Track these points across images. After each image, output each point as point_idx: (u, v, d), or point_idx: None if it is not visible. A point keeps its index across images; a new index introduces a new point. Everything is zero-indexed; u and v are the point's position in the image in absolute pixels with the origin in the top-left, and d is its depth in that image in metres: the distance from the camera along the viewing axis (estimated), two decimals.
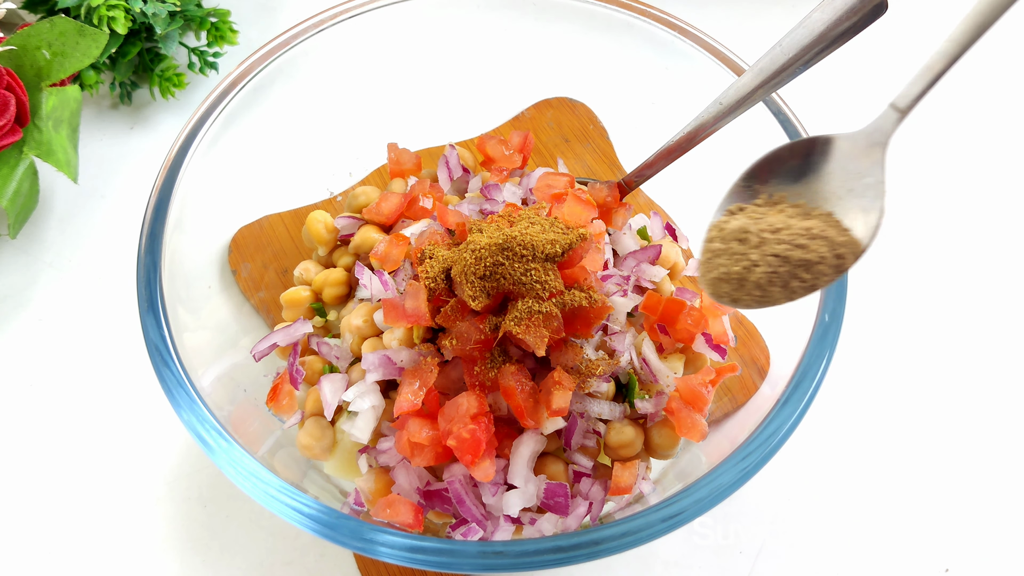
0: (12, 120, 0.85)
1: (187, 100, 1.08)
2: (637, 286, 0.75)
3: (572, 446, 0.67)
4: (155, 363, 0.61)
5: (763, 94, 0.66)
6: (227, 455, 0.58)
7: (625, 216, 0.79)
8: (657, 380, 0.70)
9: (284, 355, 0.76)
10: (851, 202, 0.57)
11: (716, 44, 0.78)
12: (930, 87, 0.55)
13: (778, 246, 0.55)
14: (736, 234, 0.57)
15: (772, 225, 0.56)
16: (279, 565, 0.76)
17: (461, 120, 0.94)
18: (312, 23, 0.80)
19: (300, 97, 0.83)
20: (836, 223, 0.57)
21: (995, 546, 0.78)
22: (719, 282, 0.56)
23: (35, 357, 0.88)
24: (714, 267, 0.57)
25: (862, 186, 0.57)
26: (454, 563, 0.54)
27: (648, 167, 0.77)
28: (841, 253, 0.55)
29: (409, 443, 0.63)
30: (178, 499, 0.80)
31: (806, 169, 0.60)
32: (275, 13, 1.17)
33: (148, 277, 0.65)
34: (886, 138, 0.57)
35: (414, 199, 0.78)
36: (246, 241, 0.85)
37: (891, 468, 0.82)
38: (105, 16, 0.92)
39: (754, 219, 0.57)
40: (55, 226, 0.97)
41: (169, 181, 0.69)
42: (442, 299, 0.66)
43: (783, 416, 0.59)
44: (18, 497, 0.80)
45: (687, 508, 0.55)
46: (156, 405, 0.84)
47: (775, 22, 1.15)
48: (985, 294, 0.93)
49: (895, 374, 0.87)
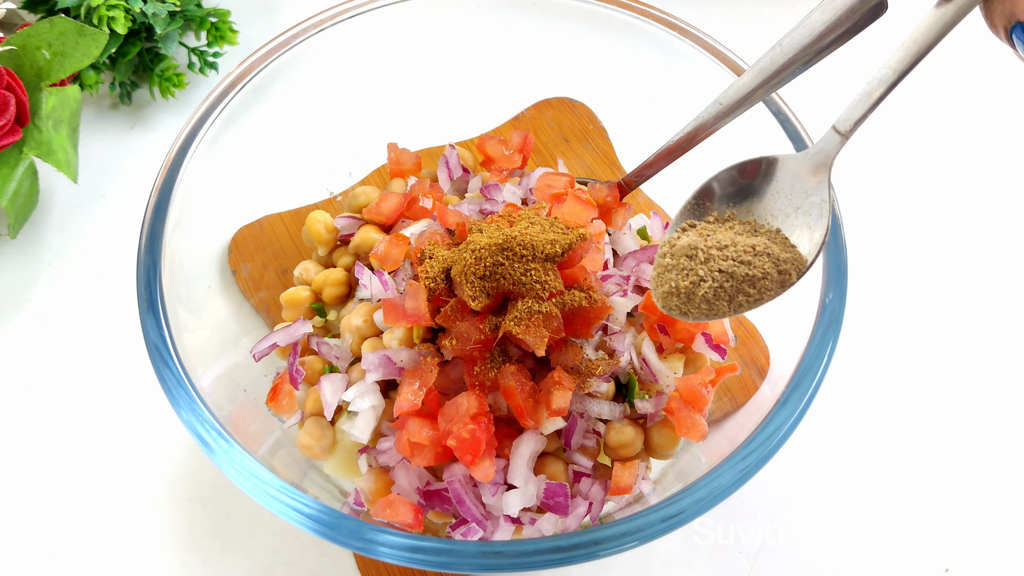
0: (12, 120, 0.85)
1: (187, 100, 1.08)
2: (637, 286, 0.75)
3: (572, 446, 0.67)
4: (155, 363, 0.61)
5: (763, 94, 0.66)
6: (227, 455, 0.58)
7: (625, 216, 0.79)
8: (657, 380, 0.70)
9: (284, 355, 0.76)
10: (798, 220, 0.60)
11: (716, 44, 0.78)
12: (870, 112, 0.57)
13: (724, 262, 0.58)
14: (685, 250, 0.59)
15: (720, 242, 0.59)
16: (279, 565, 0.76)
17: (461, 120, 0.94)
18: (312, 23, 0.80)
19: (300, 97, 0.83)
20: (783, 240, 0.60)
21: (995, 546, 0.78)
22: (669, 296, 0.59)
23: (35, 357, 0.88)
24: (664, 281, 0.60)
25: (808, 204, 0.60)
26: (454, 563, 0.54)
27: (648, 167, 0.77)
28: (785, 269, 0.58)
29: (409, 443, 0.63)
30: (178, 499, 0.80)
31: (755, 188, 0.63)
32: (275, 13, 1.17)
33: (148, 277, 0.65)
34: (830, 159, 0.60)
35: (414, 199, 0.78)
36: (246, 241, 0.85)
37: (891, 468, 0.82)
38: (105, 16, 0.92)
39: (703, 236, 0.60)
40: (55, 226, 0.97)
41: (169, 181, 0.69)
42: (442, 299, 0.66)
43: (783, 416, 0.59)
44: (18, 497, 0.80)
45: (687, 508, 0.55)
46: (156, 405, 0.84)
47: (775, 22, 1.15)
48: (985, 295, 0.93)
49: (895, 374, 0.87)
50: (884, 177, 1.02)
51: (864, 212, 0.98)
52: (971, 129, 1.07)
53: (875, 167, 1.03)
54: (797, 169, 0.61)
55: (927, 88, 1.10)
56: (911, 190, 1.01)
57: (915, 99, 1.09)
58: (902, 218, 0.99)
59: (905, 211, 0.99)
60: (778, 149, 0.72)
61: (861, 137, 1.06)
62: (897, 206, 1.00)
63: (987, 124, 1.07)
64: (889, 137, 1.05)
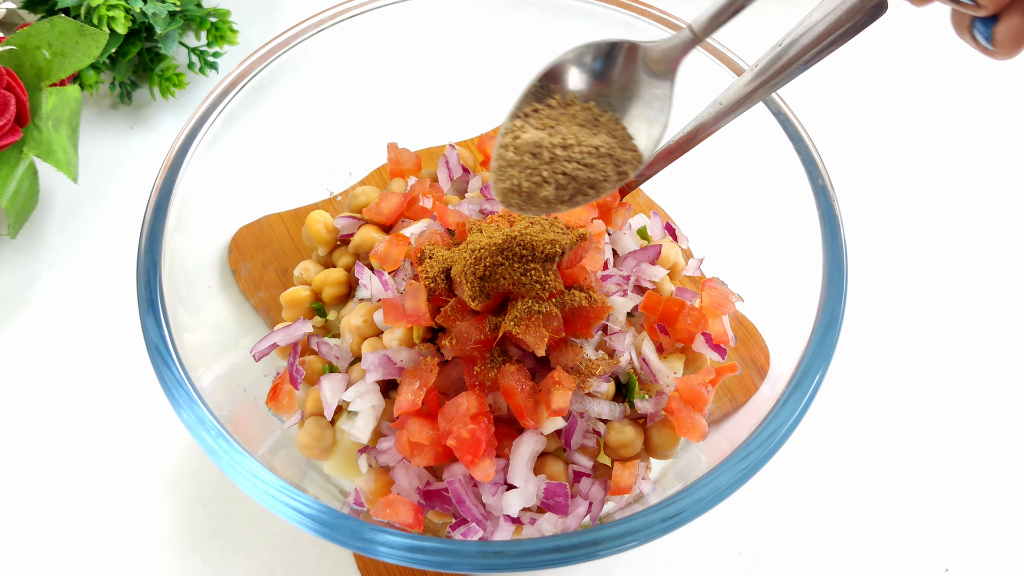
0: (12, 120, 0.85)
1: (187, 100, 1.08)
2: (637, 286, 0.75)
3: (572, 446, 0.67)
4: (155, 363, 0.61)
5: (763, 94, 0.66)
6: (227, 455, 0.58)
7: (625, 216, 0.79)
8: (657, 380, 0.70)
9: (284, 355, 0.76)
10: (638, 110, 0.60)
11: (716, 44, 0.78)
12: (729, 17, 0.56)
13: (568, 164, 0.57)
14: (530, 147, 0.58)
15: (564, 139, 0.58)
16: (279, 565, 0.76)
17: (461, 120, 0.94)
18: (312, 23, 0.80)
19: (300, 97, 0.83)
20: (623, 134, 0.59)
21: (995, 546, 0.78)
22: (509, 193, 0.58)
23: (35, 357, 0.88)
24: (507, 177, 0.58)
25: (650, 96, 0.60)
26: (454, 563, 0.54)
27: (648, 167, 0.77)
28: (624, 170, 0.58)
29: (409, 443, 0.63)
30: (178, 499, 0.80)
31: (601, 72, 0.61)
32: (275, 13, 1.17)
33: (148, 277, 0.65)
34: (680, 55, 0.59)
35: (414, 199, 0.78)
36: (246, 241, 0.85)
37: (891, 468, 0.82)
38: (105, 16, 0.92)
39: (547, 129, 0.59)
40: (55, 226, 0.97)
41: (169, 181, 0.69)
42: (442, 299, 0.66)
43: (783, 416, 0.59)
44: (18, 497, 0.80)
45: (687, 508, 0.55)
46: (156, 405, 0.84)
47: (775, 22, 1.15)
48: (985, 294, 0.93)
49: (895, 374, 0.87)
50: (884, 177, 1.02)
51: (864, 212, 0.98)
52: (971, 129, 1.07)
53: (875, 167, 1.03)
54: (647, 60, 0.60)
55: (927, 88, 1.10)
56: (910, 190, 1.01)
57: (915, 99, 1.10)
58: (902, 218, 0.99)
59: (905, 211, 0.99)
60: (778, 148, 0.72)
61: (861, 137, 1.06)
62: (897, 206, 1.00)
63: (987, 124, 1.07)
64: (889, 137, 1.06)
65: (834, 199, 0.68)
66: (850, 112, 1.08)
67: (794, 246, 0.70)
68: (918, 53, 1.12)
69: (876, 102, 1.09)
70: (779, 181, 0.72)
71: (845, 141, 1.04)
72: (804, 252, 0.68)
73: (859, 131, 1.06)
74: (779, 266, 0.73)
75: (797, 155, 0.70)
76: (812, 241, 0.67)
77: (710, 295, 0.73)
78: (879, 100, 1.09)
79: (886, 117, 1.08)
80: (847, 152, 1.04)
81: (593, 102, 0.61)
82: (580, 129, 0.59)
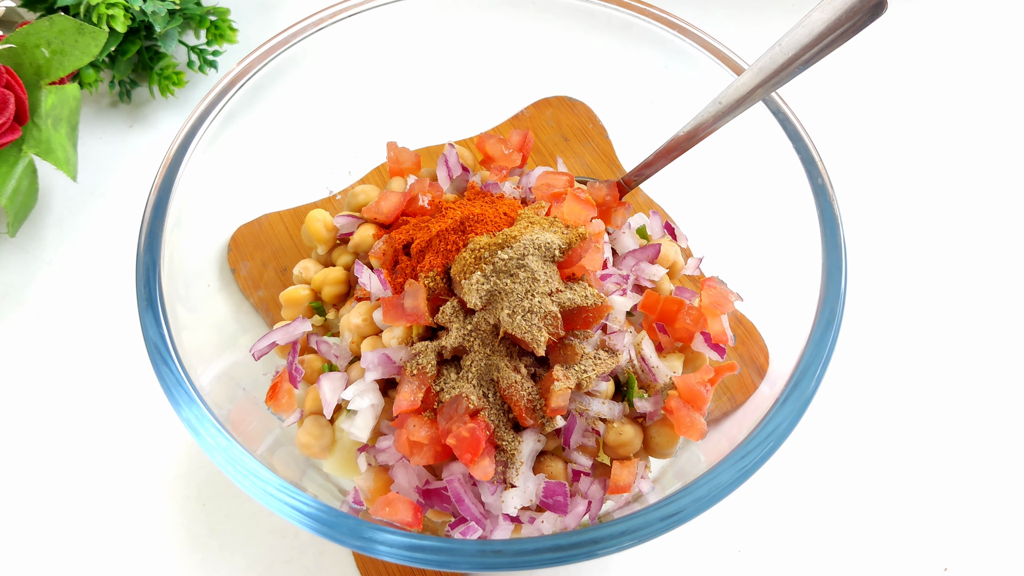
0: (11, 118, 0.85)
1: (186, 98, 1.08)
2: (636, 285, 0.75)
3: (571, 445, 0.67)
4: (154, 362, 0.61)
5: (762, 93, 0.66)
6: (226, 453, 0.58)
7: (624, 215, 0.79)
8: (656, 379, 0.70)
9: (283, 354, 0.76)
10: None
11: (716, 43, 0.78)
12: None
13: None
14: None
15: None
16: (278, 563, 0.76)
17: (461, 119, 0.94)
18: (311, 22, 0.80)
19: (299, 96, 0.83)
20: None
21: (995, 546, 0.78)
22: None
23: (34, 355, 0.88)
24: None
25: None
26: (453, 562, 0.54)
27: (647, 166, 0.77)
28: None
29: (408, 442, 0.63)
30: (177, 497, 0.80)
31: None
32: (274, 11, 1.17)
33: (147, 275, 0.65)
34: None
35: (413, 198, 0.78)
36: (245, 240, 0.85)
37: (890, 468, 0.82)
38: (104, 14, 0.92)
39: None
40: (54, 224, 0.97)
41: (168, 179, 0.69)
42: (441, 298, 0.66)
43: (782, 415, 0.59)
44: (17, 496, 0.80)
45: (686, 507, 0.55)
46: (155, 404, 0.84)
47: (775, 22, 1.15)
48: (984, 294, 0.93)
49: (894, 373, 0.87)
50: (883, 177, 1.02)
51: (863, 211, 0.98)
52: (970, 129, 1.07)
53: (874, 167, 1.03)
54: None
55: (926, 88, 1.10)
56: (910, 190, 1.01)
57: (914, 99, 1.10)
58: (901, 217, 0.99)
59: (904, 210, 0.99)
60: (778, 148, 0.72)
61: (860, 137, 1.06)
62: (896, 205, 1.00)
63: (987, 124, 1.07)
64: (888, 137, 1.06)
65: (833, 198, 0.68)
66: (850, 112, 1.08)
67: (793, 245, 0.70)
68: (918, 53, 1.12)
69: (875, 102, 1.09)
70: (778, 180, 0.72)
71: (845, 141, 1.04)
72: (803, 251, 0.68)
73: (859, 131, 1.06)
74: (778, 265, 0.73)
75: (796, 154, 0.70)
76: (811, 240, 0.67)
77: (709, 294, 0.73)
78: (878, 100, 1.09)
79: (885, 117, 1.08)
80: (847, 152, 1.04)
81: None
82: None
